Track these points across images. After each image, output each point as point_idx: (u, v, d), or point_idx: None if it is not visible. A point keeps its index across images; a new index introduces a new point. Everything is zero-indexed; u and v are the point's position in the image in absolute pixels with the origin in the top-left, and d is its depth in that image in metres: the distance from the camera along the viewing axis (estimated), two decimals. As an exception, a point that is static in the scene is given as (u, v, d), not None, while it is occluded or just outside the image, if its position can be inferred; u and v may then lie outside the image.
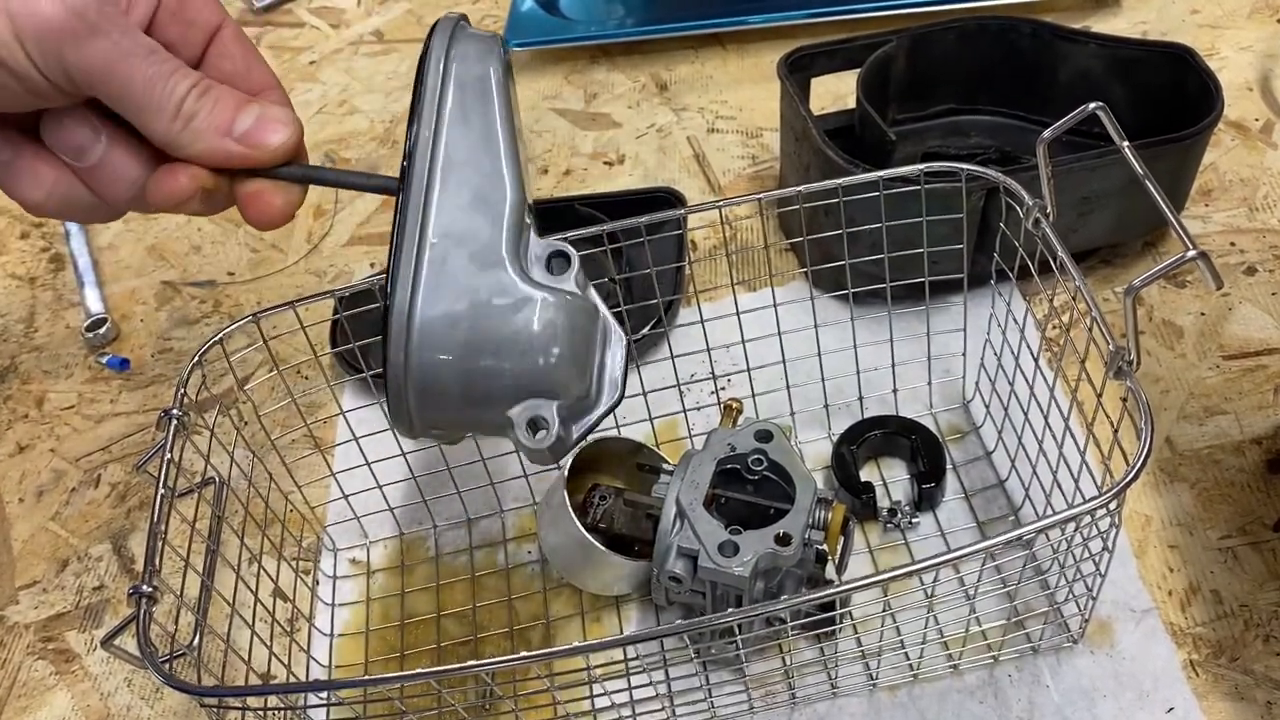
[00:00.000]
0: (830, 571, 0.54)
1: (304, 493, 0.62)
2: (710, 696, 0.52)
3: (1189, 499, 0.59)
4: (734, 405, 0.58)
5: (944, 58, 0.77)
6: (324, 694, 0.51)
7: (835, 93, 0.83)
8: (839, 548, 0.52)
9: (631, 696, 0.53)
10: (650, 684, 0.53)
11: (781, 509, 0.51)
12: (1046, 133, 0.50)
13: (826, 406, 0.64)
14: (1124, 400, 0.45)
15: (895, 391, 0.64)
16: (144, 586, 0.44)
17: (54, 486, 0.70)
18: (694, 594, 0.51)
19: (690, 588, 0.51)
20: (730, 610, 0.43)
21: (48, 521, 0.68)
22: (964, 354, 0.64)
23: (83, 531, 0.67)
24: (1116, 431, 0.47)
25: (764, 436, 0.54)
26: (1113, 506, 0.45)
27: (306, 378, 0.72)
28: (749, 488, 0.53)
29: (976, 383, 0.64)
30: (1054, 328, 0.67)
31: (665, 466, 0.56)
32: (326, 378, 0.60)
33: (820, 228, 0.63)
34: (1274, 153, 0.79)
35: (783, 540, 0.49)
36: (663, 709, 0.52)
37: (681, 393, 0.63)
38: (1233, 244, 0.73)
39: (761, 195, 0.57)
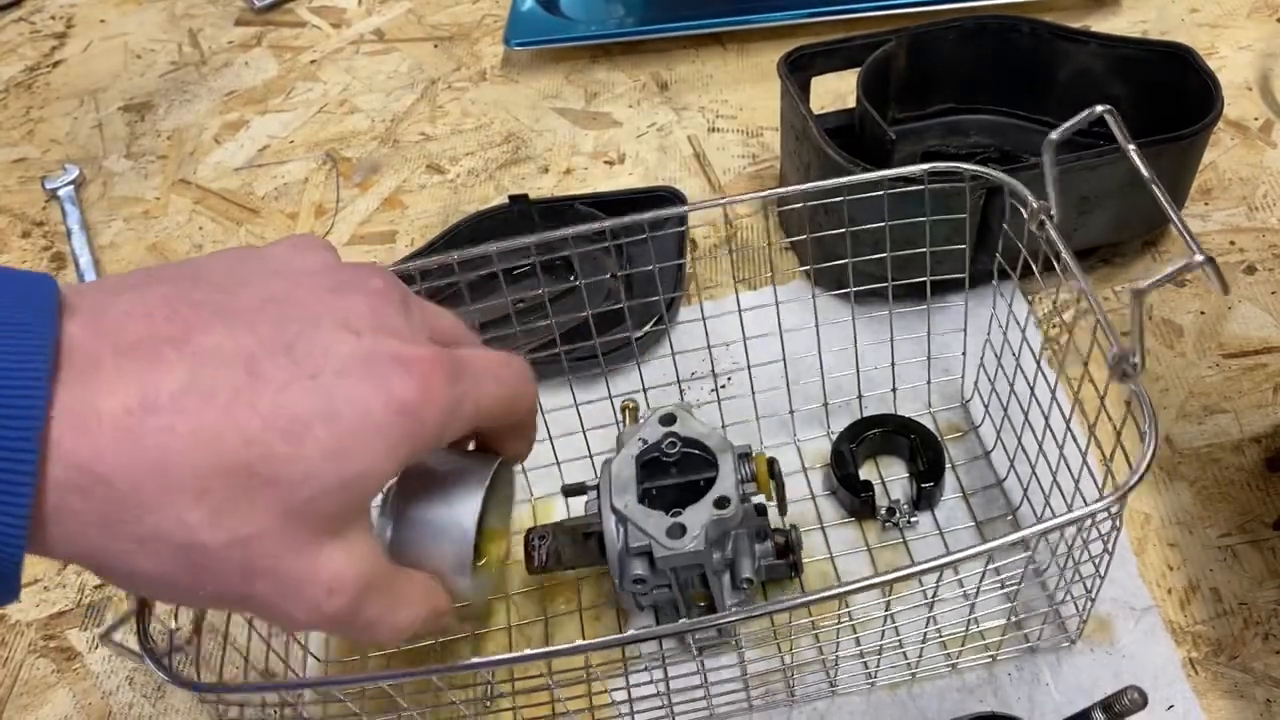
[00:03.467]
0: (776, 520, 0.55)
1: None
2: (709, 695, 0.52)
3: (1188, 497, 0.59)
4: (629, 406, 0.59)
5: (944, 57, 0.77)
6: (324, 690, 0.51)
7: (835, 92, 0.83)
8: (773, 492, 0.53)
9: (630, 695, 0.54)
10: (651, 681, 0.53)
11: (710, 479, 0.51)
12: (1054, 134, 0.49)
13: (826, 405, 0.64)
14: (1127, 403, 0.45)
15: (895, 390, 0.64)
16: None
17: (55, 485, 0.70)
18: (660, 589, 0.52)
19: (655, 584, 0.51)
20: (734, 608, 0.43)
21: (49, 520, 0.68)
22: (964, 354, 0.64)
23: (84, 530, 0.67)
24: (1120, 434, 0.47)
25: (668, 420, 0.54)
26: (1114, 510, 0.45)
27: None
28: (673, 470, 0.54)
29: (975, 383, 0.64)
30: (1053, 327, 0.67)
31: (589, 482, 0.55)
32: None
33: (820, 227, 0.63)
34: (1273, 152, 0.79)
35: (721, 503, 0.49)
36: (662, 707, 0.53)
37: (681, 390, 0.63)
38: (1232, 243, 0.73)
39: (765, 194, 0.57)
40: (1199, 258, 0.41)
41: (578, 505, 0.57)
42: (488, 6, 1.08)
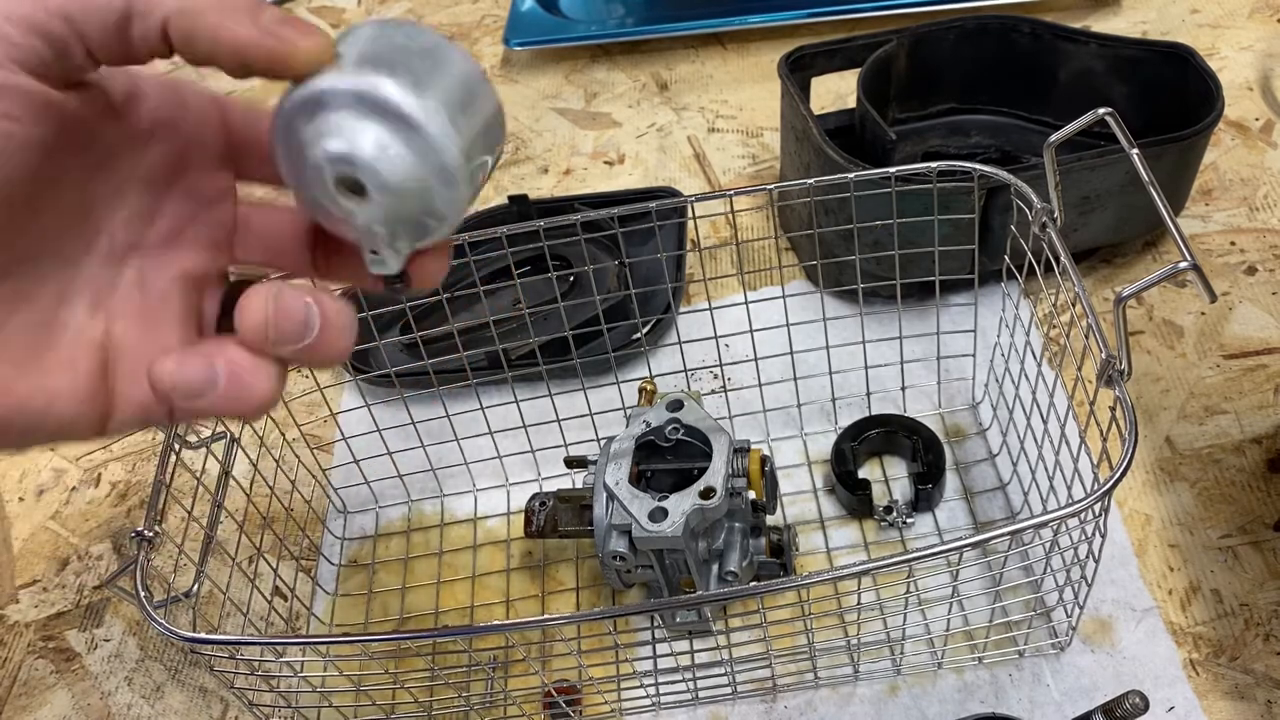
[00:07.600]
0: (772, 519, 0.55)
1: (316, 456, 0.63)
2: (695, 679, 0.53)
3: (1189, 498, 0.59)
4: (648, 387, 0.59)
5: (944, 57, 0.77)
6: (323, 650, 0.50)
7: (836, 92, 0.83)
8: (763, 490, 0.53)
9: (617, 671, 0.55)
10: (629, 660, 0.55)
11: (703, 468, 0.52)
12: (1054, 136, 0.49)
13: (834, 400, 0.64)
14: (1112, 409, 0.45)
15: (904, 389, 0.64)
16: (145, 532, 0.44)
17: (54, 485, 0.70)
18: (644, 569, 0.52)
19: (637, 563, 0.51)
20: (725, 589, 0.43)
21: (48, 520, 0.68)
22: (974, 355, 0.64)
23: (83, 530, 0.67)
24: (1105, 441, 0.46)
25: (675, 406, 0.55)
26: (1087, 516, 0.44)
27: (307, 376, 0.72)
28: (668, 456, 0.54)
29: (985, 385, 0.64)
30: (1053, 329, 0.67)
31: (590, 457, 0.57)
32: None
33: (820, 228, 0.63)
34: (1274, 152, 0.79)
35: (706, 494, 0.50)
36: (650, 685, 0.53)
37: (688, 380, 0.63)
38: (1233, 243, 0.73)
39: (770, 186, 0.57)
40: (1184, 264, 0.41)
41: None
42: (488, 6, 1.08)
